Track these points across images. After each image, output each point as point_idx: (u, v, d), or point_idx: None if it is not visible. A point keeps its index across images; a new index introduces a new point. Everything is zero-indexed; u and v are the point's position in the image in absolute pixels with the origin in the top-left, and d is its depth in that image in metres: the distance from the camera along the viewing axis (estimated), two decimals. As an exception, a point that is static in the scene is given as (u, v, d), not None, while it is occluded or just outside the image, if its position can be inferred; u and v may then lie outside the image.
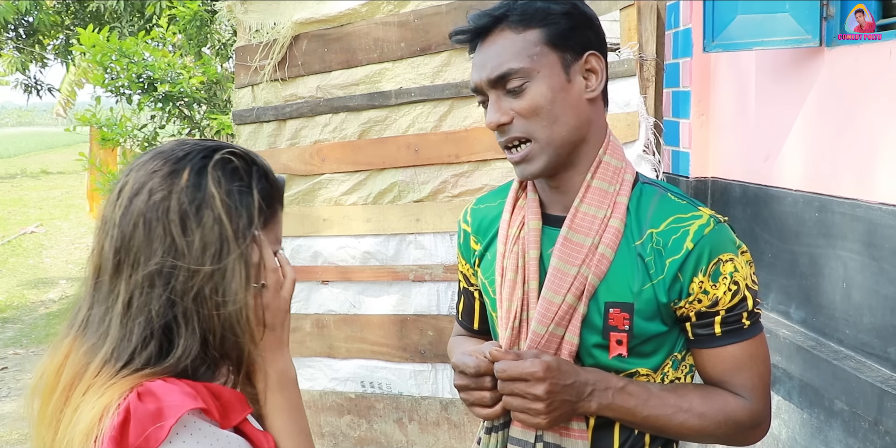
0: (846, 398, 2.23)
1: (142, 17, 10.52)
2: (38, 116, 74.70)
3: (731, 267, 1.35)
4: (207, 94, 7.51)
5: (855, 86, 2.33)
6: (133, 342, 1.03)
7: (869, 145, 2.25)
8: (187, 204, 1.04)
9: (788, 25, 2.50)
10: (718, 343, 1.38)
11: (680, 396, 1.37)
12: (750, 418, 1.39)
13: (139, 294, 1.03)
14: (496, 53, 1.35)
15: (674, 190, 1.44)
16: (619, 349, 1.37)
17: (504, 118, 1.35)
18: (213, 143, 1.12)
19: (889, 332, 2.16)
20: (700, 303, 1.35)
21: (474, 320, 1.67)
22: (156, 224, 1.03)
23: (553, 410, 1.30)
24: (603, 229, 1.37)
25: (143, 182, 1.06)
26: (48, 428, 1.05)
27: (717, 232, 1.35)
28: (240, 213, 1.06)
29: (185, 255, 1.03)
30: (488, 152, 3.47)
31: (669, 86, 3.29)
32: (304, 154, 3.89)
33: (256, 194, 1.08)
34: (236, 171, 1.08)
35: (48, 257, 11.43)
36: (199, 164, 1.07)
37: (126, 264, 1.04)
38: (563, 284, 1.36)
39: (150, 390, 0.99)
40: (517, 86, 1.34)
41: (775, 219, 2.72)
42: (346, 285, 3.84)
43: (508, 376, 1.29)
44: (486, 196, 1.61)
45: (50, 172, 24.69)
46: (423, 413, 3.75)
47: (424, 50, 3.58)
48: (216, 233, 1.04)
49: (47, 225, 14.23)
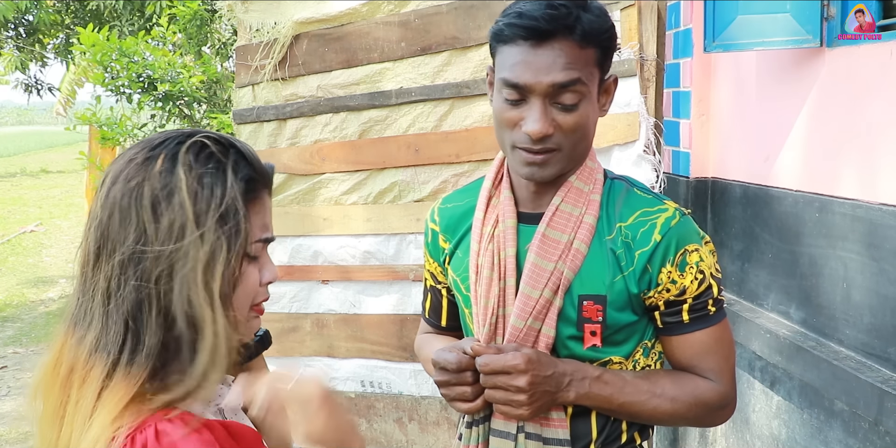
0: (846, 398, 2.23)
1: (142, 16, 10.52)
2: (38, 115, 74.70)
3: (697, 257, 1.42)
4: (207, 94, 7.52)
5: (856, 86, 2.33)
6: (114, 329, 1.01)
7: (870, 146, 2.25)
8: (159, 189, 1.02)
9: (789, 26, 2.50)
10: (686, 330, 1.45)
11: (652, 382, 1.43)
12: (719, 399, 1.45)
13: (115, 281, 1.02)
14: (564, 61, 1.33)
15: (639, 185, 1.50)
16: (594, 340, 1.42)
17: (551, 130, 1.35)
18: (193, 130, 1.09)
19: (889, 332, 2.16)
20: (668, 292, 1.42)
21: (441, 318, 1.71)
22: (128, 210, 1.02)
23: (535, 401, 1.35)
24: (578, 226, 1.42)
25: (120, 170, 1.05)
26: (51, 425, 1.04)
27: (682, 224, 1.42)
28: (208, 195, 1.03)
29: (153, 240, 1.01)
30: (488, 152, 3.47)
31: (670, 86, 3.29)
32: (305, 153, 3.89)
33: (230, 175, 1.05)
34: (211, 156, 1.05)
35: (48, 256, 11.43)
36: (173, 149, 1.05)
37: (104, 253, 1.03)
38: (540, 280, 1.40)
39: (166, 432, 0.97)
40: (574, 102, 1.35)
41: (775, 219, 2.72)
42: (346, 285, 3.84)
43: (491, 370, 1.34)
44: (452, 195, 1.64)
45: (50, 171, 24.70)
46: (422, 412, 3.75)
47: (425, 50, 3.58)
48: (180, 215, 1.01)
49: (47, 224, 14.23)
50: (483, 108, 3.48)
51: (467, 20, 3.46)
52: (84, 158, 8.30)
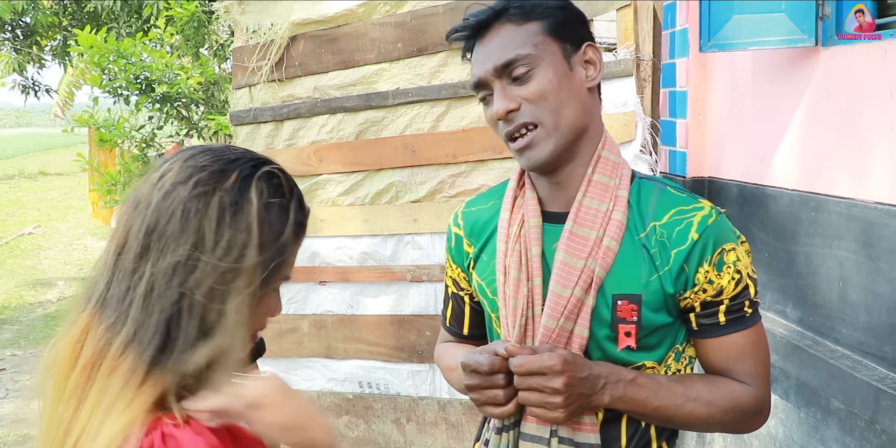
0: (842, 397, 2.24)
1: (139, 17, 10.53)
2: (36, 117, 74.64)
3: (734, 256, 1.38)
4: (205, 95, 7.52)
5: (851, 85, 2.33)
6: (152, 327, 1.03)
7: (865, 145, 2.26)
8: (228, 204, 1.05)
9: (784, 25, 2.50)
10: (722, 332, 1.41)
11: (687, 386, 1.39)
12: (755, 404, 1.42)
13: (162, 280, 1.04)
14: (499, 45, 1.38)
15: (672, 184, 1.47)
16: (628, 341, 1.38)
17: (512, 105, 1.37)
18: (263, 156, 1.15)
19: (885, 330, 2.17)
20: (705, 292, 1.38)
21: (464, 326, 1.66)
22: (193, 215, 1.04)
23: (570, 404, 1.31)
24: (606, 222, 1.39)
25: (190, 173, 1.07)
26: (67, 403, 1.05)
27: (719, 222, 1.39)
28: (272, 226, 1.08)
29: (210, 251, 1.04)
30: (485, 152, 3.47)
31: (666, 86, 3.29)
32: (302, 155, 3.89)
33: (292, 214, 1.11)
34: (280, 188, 1.11)
35: (46, 258, 11.42)
36: (247, 170, 1.09)
37: (155, 248, 1.05)
38: (570, 278, 1.37)
39: (173, 435, 0.99)
40: (523, 72, 1.37)
41: (772, 218, 2.72)
42: (343, 286, 3.84)
43: (527, 370, 1.30)
44: (477, 199, 1.62)
45: (48, 173, 24.68)
46: (420, 413, 3.75)
47: (421, 50, 3.58)
48: (243, 237, 1.05)
49: (45, 226, 14.22)
50: (479, 109, 3.48)
51: (463, 21, 3.47)
52: (82, 160, 8.30)
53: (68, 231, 13.70)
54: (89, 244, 12.33)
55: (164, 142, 8.26)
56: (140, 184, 1.12)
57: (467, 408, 3.64)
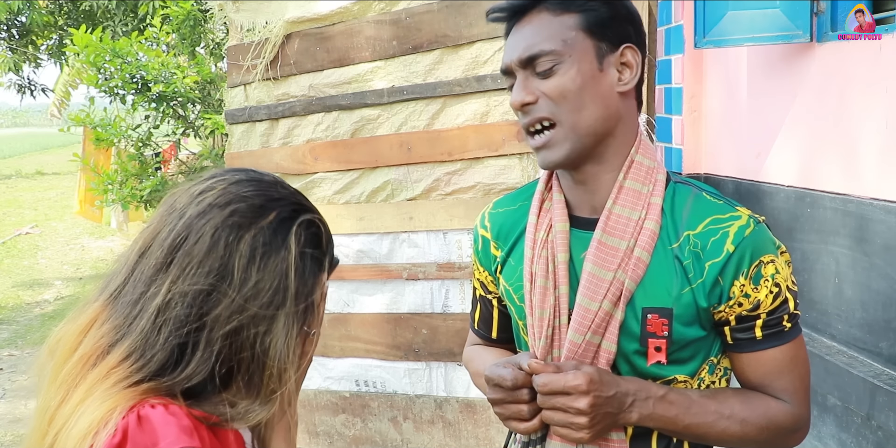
0: (838, 393, 2.23)
1: (135, 16, 10.51)
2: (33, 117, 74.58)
3: (773, 268, 1.31)
4: (201, 94, 7.50)
5: (846, 81, 2.33)
6: (157, 344, 1.02)
7: (860, 141, 2.25)
8: (260, 245, 1.04)
9: (779, 21, 2.50)
10: (759, 347, 1.34)
11: (720, 402, 1.33)
12: (792, 422, 1.36)
13: (179, 303, 1.02)
14: (530, 34, 1.32)
15: (708, 189, 1.39)
16: (658, 356, 1.32)
17: (529, 97, 1.31)
18: (307, 202, 1.14)
19: (880, 326, 2.16)
20: (741, 306, 1.31)
21: (492, 329, 1.60)
22: (222, 245, 1.03)
23: (596, 424, 1.25)
24: (638, 232, 1.32)
25: (230, 199, 1.06)
26: (56, 390, 1.05)
27: (757, 233, 1.31)
28: (305, 276, 1.07)
29: (237, 288, 1.03)
30: (481, 150, 3.46)
31: (661, 82, 3.29)
32: (297, 153, 3.88)
33: (327, 267, 1.11)
34: (317, 238, 1.10)
35: (43, 258, 11.41)
36: (287, 213, 1.08)
37: (177, 266, 1.04)
38: (599, 291, 1.31)
39: (149, 418, 0.98)
40: (547, 68, 1.30)
41: (767, 214, 2.72)
42: (339, 284, 3.83)
43: (550, 390, 1.24)
44: (504, 199, 1.54)
45: (45, 173, 24.66)
46: (417, 411, 3.74)
47: (416, 48, 3.57)
48: (275, 283, 1.04)
49: (42, 226, 14.21)
50: (475, 107, 3.47)
51: (458, 18, 3.46)
52: (78, 160, 8.28)
53: (65, 231, 13.68)
54: (86, 244, 12.31)
55: (160, 141, 8.25)
56: (180, 190, 1.10)
57: (464, 406, 3.63)
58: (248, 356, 1.04)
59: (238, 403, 1.05)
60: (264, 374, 1.05)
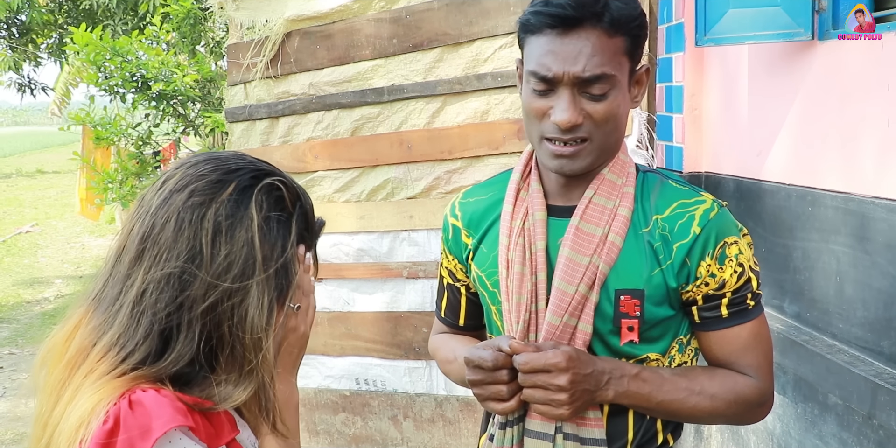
0: (840, 392, 2.23)
1: (135, 15, 10.51)
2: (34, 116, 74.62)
3: (736, 249, 1.38)
4: (201, 93, 7.50)
5: (847, 79, 2.32)
6: (138, 334, 1.03)
7: (862, 139, 2.25)
8: (223, 217, 1.04)
9: (780, 19, 2.49)
10: (725, 325, 1.41)
11: (691, 379, 1.39)
12: (758, 396, 1.42)
13: (154, 289, 1.03)
14: (591, 52, 1.31)
15: (673, 177, 1.46)
16: (631, 336, 1.38)
17: (580, 120, 1.33)
18: (268, 166, 1.11)
19: (882, 325, 2.16)
20: (707, 286, 1.38)
21: (460, 317, 1.65)
22: (187, 226, 1.03)
23: (575, 400, 1.31)
24: (612, 219, 1.38)
25: (188, 181, 1.06)
26: (48, 398, 1.05)
27: (721, 216, 1.38)
28: (273, 241, 1.06)
29: (208, 266, 1.02)
30: (481, 148, 3.46)
31: (662, 81, 3.28)
32: (297, 151, 3.88)
33: (294, 228, 1.09)
34: (281, 201, 1.09)
35: (43, 257, 11.41)
36: (246, 181, 1.07)
37: (148, 255, 1.04)
38: (575, 275, 1.36)
39: (141, 401, 0.98)
40: (603, 92, 1.32)
41: (768, 213, 2.72)
42: (339, 283, 3.83)
43: (531, 368, 1.30)
44: (474, 189, 1.59)
45: (45, 172, 24.66)
46: (417, 410, 3.74)
47: (417, 46, 3.57)
48: (244, 254, 1.03)
49: (42, 224, 14.21)
50: (475, 105, 3.47)
51: (458, 16, 3.45)
52: (78, 159, 8.28)
53: (65, 229, 13.68)
54: (87, 242, 12.31)
55: (160, 139, 8.24)
56: (148, 187, 1.11)
57: (464, 404, 3.63)
58: (227, 330, 1.04)
59: (223, 382, 1.06)
60: (243, 345, 1.04)
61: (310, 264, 1.14)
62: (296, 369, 1.17)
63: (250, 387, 1.06)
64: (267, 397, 1.09)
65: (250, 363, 1.05)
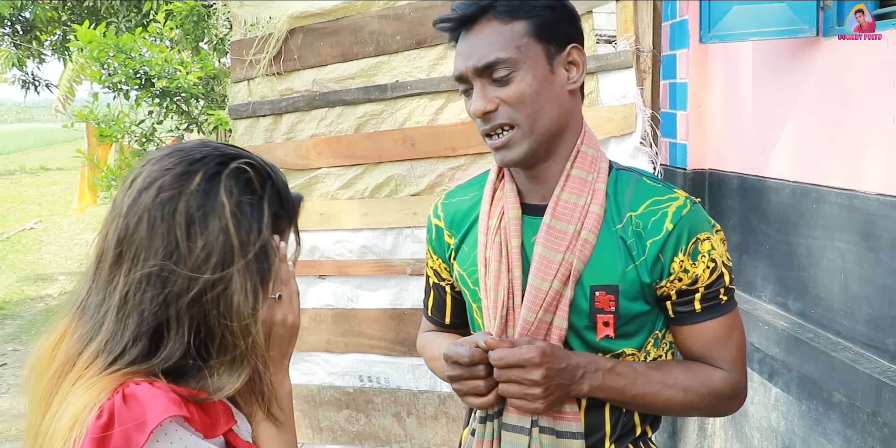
0: (844, 390, 2.23)
1: (139, 12, 10.50)
2: (37, 113, 74.69)
3: (709, 245, 1.41)
4: (205, 90, 7.50)
5: (852, 75, 2.32)
6: (126, 337, 1.02)
7: (866, 136, 2.24)
8: (195, 209, 1.03)
9: (785, 15, 2.48)
10: (698, 319, 1.44)
11: (665, 373, 1.42)
12: (731, 389, 1.45)
13: (136, 290, 1.02)
14: (483, 43, 1.38)
15: (647, 174, 1.49)
16: (607, 331, 1.41)
17: (490, 106, 1.38)
18: (234, 150, 1.10)
19: (886, 323, 2.15)
20: (680, 281, 1.41)
21: (446, 315, 1.69)
22: (160, 223, 1.02)
23: (550, 394, 1.33)
24: (584, 216, 1.41)
25: (154, 177, 1.05)
26: (37, 409, 1.06)
27: (693, 212, 1.41)
28: (248, 225, 1.05)
29: (186, 259, 1.02)
30: (484, 145, 3.42)
31: (666, 77, 3.27)
32: (301, 148, 3.88)
33: (267, 209, 1.07)
34: (249, 183, 1.07)
35: (47, 253, 11.42)
36: (213, 169, 1.05)
37: (127, 257, 1.03)
38: (549, 271, 1.39)
39: (134, 394, 0.98)
40: (503, 75, 1.37)
41: (772, 210, 2.71)
42: (343, 279, 3.83)
43: (506, 364, 1.32)
44: (456, 190, 1.64)
45: (49, 169, 24.70)
46: (421, 407, 3.74)
47: (420, 43, 3.56)
48: (220, 242, 1.02)
49: (46, 221, 14.22)
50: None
51: (462, 13, 3.45)
52: (82, 156, 8.28)
53: (69, 226, 13.70)
54: (90, 239, 12.25)
55: (164, 136, 8.25)
56: (118, 190, 1.10)
57: (468, 402, 3.63)
58: (214, 320, 1.03)
59: (216, 372, 1.06)
60: (232, 333, 1.04)
61: (285, 253, 1.12)
62: (287, 359, 1.17)
63: (243, 374, 1.06)
64: (261, 382, 1.09)
65: (241, 350, 1.05)
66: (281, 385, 1.15)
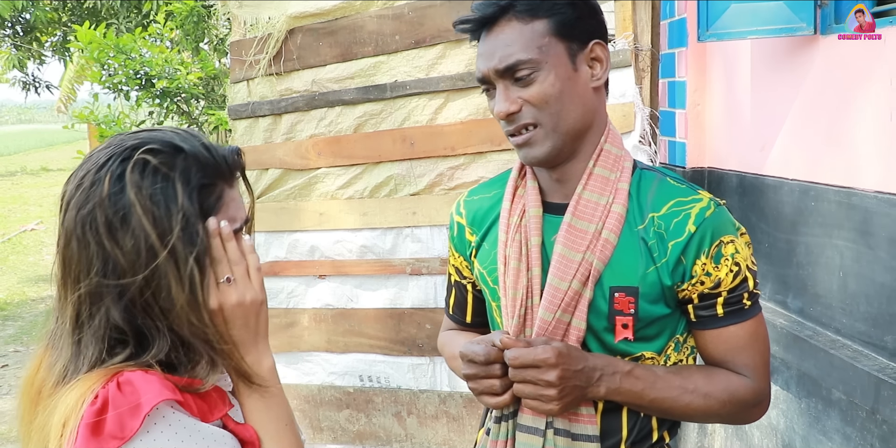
0: (843, 387, 2.23)
1: (139, 13, 10.51)
2: (39, 114, 74.75)
3: (733, 248, 1.37)
4: (205, 90, 7.51)
5: (850, 73, 2.32)
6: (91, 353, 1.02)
7: (865, 133, 2.24)
8: (111, 214, 1.02)
9: (783, 14, 2.48)
10: (721, 324, 1.40)
11: (685, 378, 1.38)
12: (753, 396, 1.41)
13: (86, 311, 1.02)
14: (504, 43, 1.36)
15: (672, 174, 1.45)
16: (625, 333, 1.38)
17: (513, 107, 1.36)
18: (138, 139, 1.06)
19: (885, 320, 2.16)
20: (703, 285, 1.37)
21: (467, 314, 1.67)
22: (84, 239, 1.02)
23: (565, 396, 1.31)
24: (606, 215, 1.38)
25: (70, 196, 1.05)
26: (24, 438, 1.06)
27: (717, 214, 1.38)
28: (162, 214, 1.03)
29: (122, 264, 1.01)
30: (484, 145, 3.46)
31: (665, 76, 3.27)
32: (300, 148, 3.88)
33: (181, 191, 1.04)
34: (156, 171, 1.04)
35: (49, 255, 11.41)
36: (118, 169, 1.03)
37: (69, 280, 1.04)
38: (568, 271, 1.37)
39: (129, 380, 0.99)
40: (526, 75, 1.34)
41: (772, 208, 2.71)
42: (343, 279, 3.83)
43: (521, 363, 1.30)
44: (479, 188, 1.61)
45: (50, 170, 24.71)
46: (421, 406, 3.75)
47: (419, 43, 3.57)
48: (143, 238, 1.02)
49: (48, 222, 14.22)
50: (478, 101, 3.47)
51: (461, 12, 3.43)
52: (82, 157, 8.28)
53: (71, 227, 13.69)
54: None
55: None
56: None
57: (468, 401, 3.63)
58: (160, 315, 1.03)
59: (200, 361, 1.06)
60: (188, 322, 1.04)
61: (228, 231, 1.08)
62: (260, 337, 1.13)
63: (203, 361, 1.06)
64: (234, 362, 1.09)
65: (199, 339, 1.05)
66: (259, 364, 1.12)
